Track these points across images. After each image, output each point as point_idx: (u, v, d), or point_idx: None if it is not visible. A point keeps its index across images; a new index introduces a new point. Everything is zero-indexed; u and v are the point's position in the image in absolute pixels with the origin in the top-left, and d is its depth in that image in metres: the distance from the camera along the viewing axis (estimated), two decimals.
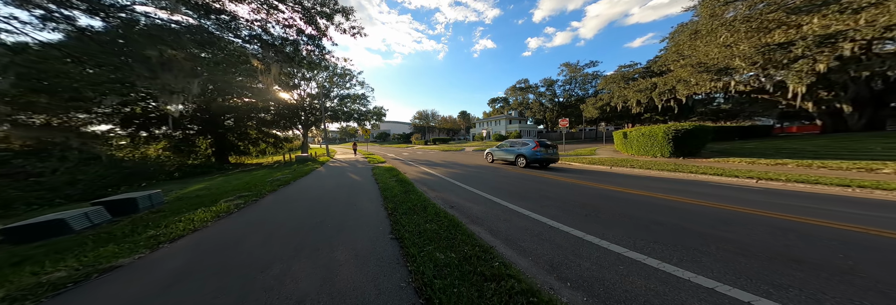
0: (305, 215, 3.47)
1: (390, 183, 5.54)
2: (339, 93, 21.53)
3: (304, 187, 5.65)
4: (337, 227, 2.91)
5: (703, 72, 9.13)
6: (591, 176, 6.03)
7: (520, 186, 5.20)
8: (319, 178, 7.13)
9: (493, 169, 8.05)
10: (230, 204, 4.15)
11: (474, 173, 7.28)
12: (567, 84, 35.80)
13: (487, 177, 6.52)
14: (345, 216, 3.31)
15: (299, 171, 8.57)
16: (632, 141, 9.80)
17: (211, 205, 4.12)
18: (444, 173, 7.72)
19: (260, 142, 18.08)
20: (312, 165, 10.89)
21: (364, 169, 8.96)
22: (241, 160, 17.91)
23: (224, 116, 15.22)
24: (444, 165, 10.02)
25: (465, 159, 12.68)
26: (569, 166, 8.49)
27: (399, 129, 63.69)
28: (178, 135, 14.01)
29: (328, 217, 3.29)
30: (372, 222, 3.06)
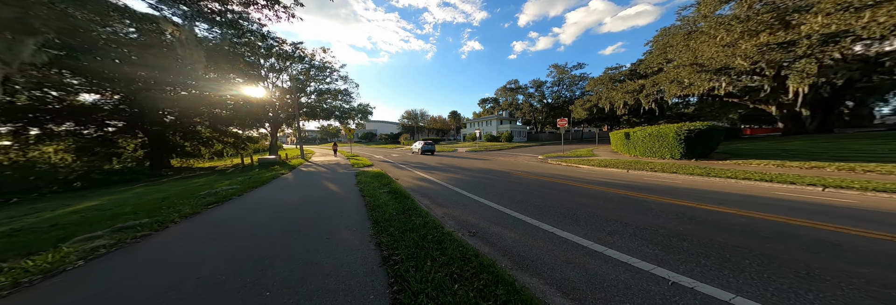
0: (220, 269, 1.93)
1: (381, 196, 4.28)
2: (317, 87, 19.28)
3: (252, 205, 4.13)
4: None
5: (702, 72, 9.16)
6: (617, 182, 5.28)
7: (546, 197, 4.23)
8: (282, 189, 5.60)
9: (500, 173, 7.08)
10: (76, 251, 2.33)
11: (480, 179, 6.23)
12: (555, 85, 36.57)
13: (499, 184, 5.50)
14: (304, 270, 1.89)
15: (257, 178, 6.89)
16: (635, 142, 9.48)
17: (38, 251, 2.33)
18: (444, 178, 6.57)
19: (214, 142, 15.39)
20: (278, 170, 9.10)
21: (346, 175, 7.50)
22: (188, 164, 15.15)
23: (163, 111, 12.52)
24: (441, 168, 8.87)
25: (462, 161, 11.64)
26: (576, 168, 7.82)
27: (386, 129, 61.14)
28: (90, 133, 11.14)
29: (267, 274, 1.83)
30: (353, 281, 1.72)
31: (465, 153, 17.53)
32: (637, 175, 5.94)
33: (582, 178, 5.94)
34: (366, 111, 20.81)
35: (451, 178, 6.68)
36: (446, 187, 5.57)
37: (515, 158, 13.20)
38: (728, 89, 9.29)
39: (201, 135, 15.20)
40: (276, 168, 9.92)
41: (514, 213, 3.43)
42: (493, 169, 8.22)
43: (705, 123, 7.00)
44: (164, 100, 11.21)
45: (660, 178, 5.39)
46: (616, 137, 12.17)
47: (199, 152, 16.09)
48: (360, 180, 6.13)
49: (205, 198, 4.51)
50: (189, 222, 3.35)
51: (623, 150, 11.00)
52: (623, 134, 10.70)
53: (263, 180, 6.43)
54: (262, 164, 11.93)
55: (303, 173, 8.26)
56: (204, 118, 14.04)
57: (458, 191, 5.05)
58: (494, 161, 11.18)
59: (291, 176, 7.66)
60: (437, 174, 7.47)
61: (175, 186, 6.84)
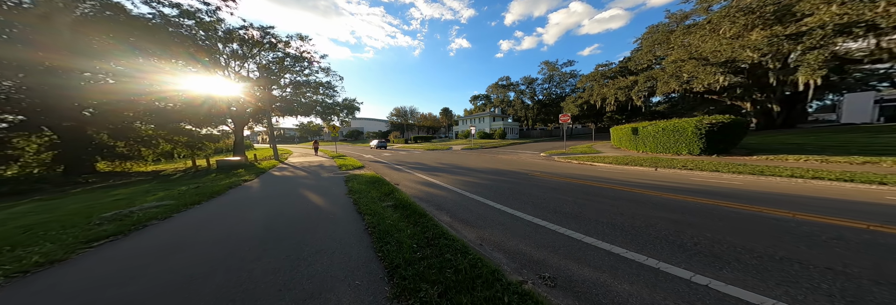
0: None
1: (387, 214, 3.16)
2: (293, 79, 16.97)
3: (175, 239, 2.68)
4: None
5: (707, 65, 9.04)
6: (663, 184, 4.58)
7: (602, 208, 3.35)
8: (239, 204, 4.20)
9: (516, 174, 6.18)
10: None
11: (499, 183, 5.27)
12: (546, 82, 36.72)
13: (526, 189, 4.58)
14: None
15: (206, 188, 5.35)
16: (645, 137, 9.12)
17: None
18: (455, 182, 5.52)
19: (159, 141, 12.81)
20: (242, 175, 7.42)
21: (332, 181, 6.16)
22: (125, 168, 12.50)
23: (80, 103, 9.92)
24: (445, 169, 7.79)
25: (463, 160, 10.64)
26: (593, 166, 7.19)
27: (374, 126, 58.28)
28: None
29: None
30: None
31: (461, 151, 16.55)
32: (673, 174, 5.35)
33: (614, 178, 5.23)
34: (352, 107, 18.90)
35: (463, 182, 5.64)
36: (463, 194, 4.53)
37: (517, 156, 12.48)
38: (724, 84, 9.35)
39: (140, 133, 12.53)
40: (239, 172, 8.19)
41: (587, 238, 2.46)
42: (506, 169, 7.32)
43: (728, 116, 6.68)
44: (79, 89, 8.73)
45: (704, 178, 4.79)
46: (619, 132, 11.90)
47: (138, 153, 13.35)
48: (352, 188, 4.88)
49: (100, 226, 2.99)
50: (13, 287, 1.79)
51: (629, 146, 10.70)
52: (629, 129, 10.36)
53: (214, 192, 4.89)
54: (221, 167, 9.97)
55: (274, 180, 6.72)
56: (141, 113, 11.46)
57: (482, 200, 4.04)
58: (499, 160, 10.34)
59: (257, 183, 6.12)
60: (443, 177, 6.39)
61: (78, 201, 5.01)
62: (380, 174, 7.04)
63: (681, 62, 11.02)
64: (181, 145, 14.50)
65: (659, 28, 18.19)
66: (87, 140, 11.25)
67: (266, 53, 15.73)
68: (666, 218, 2.84)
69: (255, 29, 14.20)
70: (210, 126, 14.08)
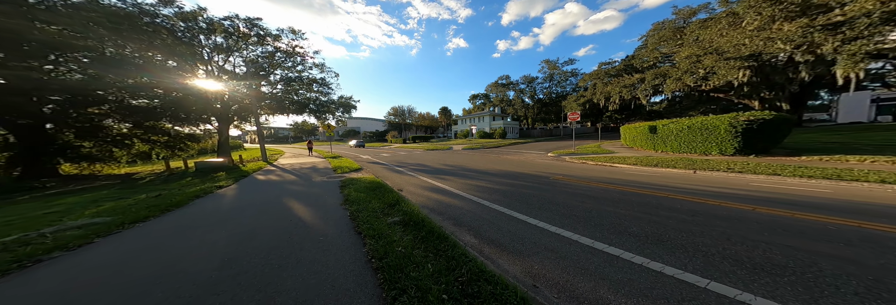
0: None
1: (395, 237, 2.40)
2: (284, 75, 15.90)
3: (59, 291, 1.73)
4: None
5: (729, 59, 8.49)
6: (718, 191, 3.87)
7: (689, 228, 2.61)
8: (200, 220, 3.31)
9: (534, 177, 5.42)
10: None
11: (519, 188, 4.52)
12: (547, 81, 36.27)
13: (556, 197, 3.83)
14: None
15: (164, 199, 4.43)
16: (665, 136, 8.50)
17: None
18: (468, 188, 4.74)
19: (134, 141, 11.69)
20: (219, 180, 6.51)
21: (325, 187, 5.31)
22: (94, 170, 11.32)
23: (39, 97, 8.81)
24: (451, 172, 6.99)
25: (468, 161, 9.86)
26: (614, 168, 6.50)
27: (371, 126, 57.08)
28: None
29: None
30: None
31: (463, 152, 15.77)
32: (721, 178, 4.65)
33: (654, 183, 4.52)
34: (348, 105, 17.92)
35: (477, 187, 4.86)
36: (481, 203, 3.75)
37: (523, 156, 11.77)
38: (743, 79, 8.83)
39: (110, 132, 11.37)
40: (218, 176, 7.23)
41: (726, 288, 1.65)
42: (520, 172, 6.56)
43: (768, 111, 6.06)
44: (35, 82, 7.63)
45: (767, 182, 4.02)
46: (633, 131, 11.30)
47: (110, 154, 12.15)
48: (348, 197, 4.04)
49: None
50: None
51: (645, 145, 10.09)
52: (645, 128, 9.75)
53: (173, 203, 3.95)
54: (200, 169, 8.97)
55: (255, 185, 5.81)
56: (112, 110, 10.33)
57: (509, 213, 3.26)
58: (506, 160, 9.59)
59: (234, 190, 5.20)
60: (452, 181, 5.60)
61: (3, 214, 4.01)
62: (380, 178, 6.20)
63: (695, 58, 10.49)
64: (160, 145, 13.35)
65: (665, 25, 17.77)
66: (49, 140, 10.06)
67: (254, 47, 14.65)
68: (824, 254, 1.88)
69: (241, 20, 13.13)
70: (190, 125, 12.94)
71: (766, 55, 7.70)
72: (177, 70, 11.31)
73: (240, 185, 5.81)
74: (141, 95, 11.10)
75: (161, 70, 10.53)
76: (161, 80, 10.53)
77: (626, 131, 12.07)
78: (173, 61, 11.01)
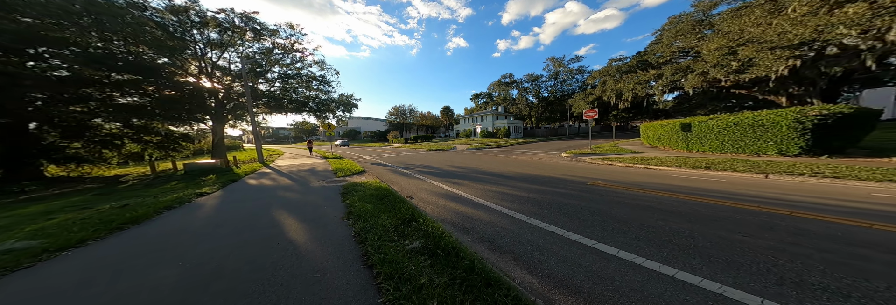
0: None
1: (424, 281, 1.58)
2: (283, 72, 15.18)
3: None
4: None
5: (776, 48, 7.61)
6: (856, 206, 3.04)
7: (867, 266, 1.80)
8: (150, 245, 2.53)
9: (570, 183, 4.61)
10: None
11: (555, 196, 3.70)
12: (552, 79, 35.34)
13: (611, 210, 3.03)
14: None
15: (130, 210, 3.61)
16: (703, 134, 7.62)
17: None
18: (490, 196, 3.95)
19: (124, 141, 11.05)
20: (204, 184, 5.76)
21: (324, 194, 4.56)
22: (83, 172, 10.68)
23: (26, 95, 8.16)
24: (464, 175, 6.18)
25: (477, 162, 9.03)
26: (648, 170, 5.64)
27: (371, 126, 56.41)
28: None
29: None
30: None
31: (469, 152, 14.98)
32: (814, 186, 3.71)
33: (723, 191, 3.69)
34: (349, 104, 17.17)
35: (502, 194, 4.06)
36: (520, 219, 2.95)
37: (535, 156, 10.95)
38: (783, 72, 7.91)
39: (99, 131, 10.69)
40: (207, 179, 6.48)
41: None
42: (543, 175, 5.74)
43: (846, 104, 5.18)
44: (19, 78, 6.92)
45: (887, 192, 3.14)
46: (657, 129, 10.43)
47: (99, 155, 11.48)
48: (352, 208, 3.28)
49: None
50: None
51: (675, 144, 9.21)
52: (675, 126, 8.88)
53: (132, 218, 3.16)
54: (189, 172, 8.25)
55: (243, 191, 5.02)
56: (99, 108, 9.63)
57: (564, 234, 2.45)
58: (518, 161, 8.75)
59: (216, 198, 4.42)
60: (469, 186, 4.79)
61: None
62: (386, 183, 5.41)
63: (727, 49, 9.59)
64: (153, 145, 12.68)
65: (683, 18, 16.81)
66: (33, 140, 9.39)
67: (251, 43, 13.94)
68: None
69: (236, 15, 12.41)
70: (184, 124, 12.24)
71: (819, 43, 6.85)
72: (168, 66, 10.59)
73: (225, 192, 5.03)
74: (130, 93, 10.41)
75: (151, 66, 9.82)
76: (151, 76, 9.82)
77: (649, 130, 11.21)
78: (164, 57, 10.29)
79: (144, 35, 9.13)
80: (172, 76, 10.94)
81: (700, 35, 15.47)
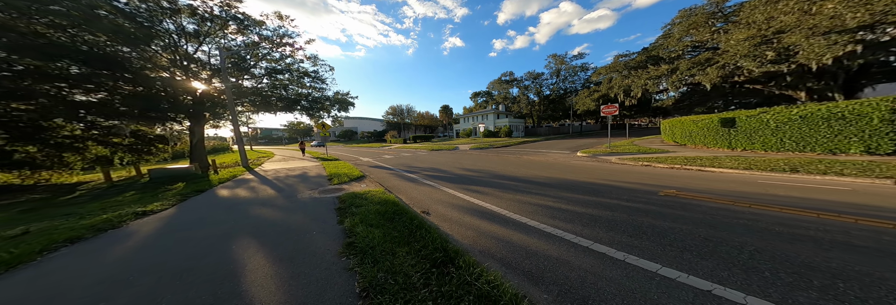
0: None
1: None
2: (270, 67, 13.86)
3: None
4: None
5: (830, 33, 6.74)
6: None
7: None
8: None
9: (630, 193, 3.52)
10: None
11: (622, 211, 2.63)
12: (553, 76, 34.56)
13: (719, 234, 1.96)
14: None
15: (25, 241, 2.37)
16: (751, 131, 6.64)
17: None
18: (527, 211, 2.86)
19: (87, 144, 9.70)
20: (159, 198, 4.48)
21: (314, 210, 3.42)
22: (39, 179, 9.29)
23: None
24: (482, 180, 5.07)
25: (489, 163, 7.91)
26: (703, 173, 4.63)
27: (368, 126, 54.92)
28: None
29: None
30: None
31: (474, 152, 13.93)
32: None
33: (869, 206, 2.69)
34: (345, 102, 15.91)
35: (545, 209, 2.99)
36: (624, 261, 1.86)
37: (547, 156, 9.94)
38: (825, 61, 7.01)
39: (58, 133, 9.28)
40: (174, 188, 5.24)
41: None
42: (589, 182, 4.69)
43: None
44: None
45: None
46: (686, 126, 9.52)
47: (60, 159, 10.05)
48: (353, 237, 2.22)
49: None
50: None
51: (711, 142, 8.29)
52: (713, 121, 7.95)
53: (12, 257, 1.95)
54: (154, 179, 6.99)
55: (208, 207, 3.82)
56: (51, 106, 8.22)
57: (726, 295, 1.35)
58: (534, 163, 7.65)
59: (164, 219, 3.22)
60: (497, 197, 3.71)
61: None
62: (392, 191, 4.29)
63: (760, 38, 8.74)
64: (123, 148, 11.25)
65: (695, 11, 16.12)
66: None
67: (234, 35, 12.59)
68: None
69: (215, 3, 11.06)
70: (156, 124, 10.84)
71: (883, 25, 6.03)
72: (133, 58, 9.22)
73: (181, 209, 3.80)
74: (88, 89, 9.00)
75: (110, 57, 8.44)
76: (110, 69, 8.44)
77: (674, 127, 10.33)
78: (128, 48, 8.91)
79: (100, 21, 7.78)
80: (140, 70, 9.57)
81: (714, 28, 14.76)
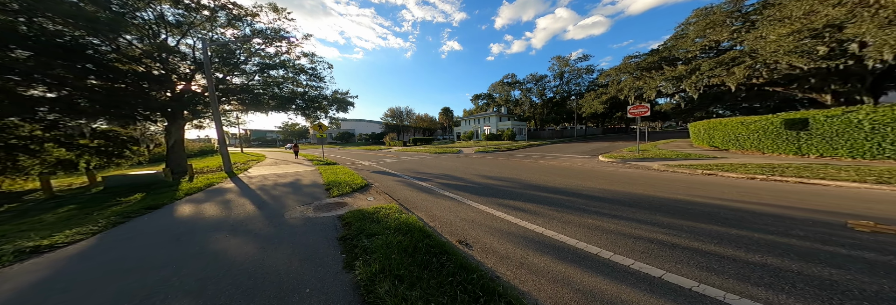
0: None
1: None
2: (262, 62, 12.72)
3: None
4: None
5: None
6: None
7: None
8: None
9: (791, 224, 2.48)
10: None
11: (768, 250, 1.60)
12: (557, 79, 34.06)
13: None
14: None
15: None
16: (833, 134, 5.58)
17: None
18: (637, 250, 1.82)
19: (47, 146, 8.43)
20: (90, 220, 3.33)
21: (305, 239, 2.29)
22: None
23: None
24: (513, 192, 4.00)
25: (504, 169, 6.82)
26: (826, 189, 3.64)
27: (366, 128, 53.68)
28: None
29: None
30: None
31: (481, 156, 12.91)
32: None
33: None
34: (344, 102, 14.80)
35: (671, 249, 1.99)
36: None
37: (567, 161, 8.95)
38: None
39: (10, 133, 7.98)
40: (129, 200, 4.04)
41: None
42: (675, 199, 3.67)
43: None
44: None
45: None
46: (730, 128, 8.58)
47: (13, 163, 8.70)
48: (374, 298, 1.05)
49: None
50: None
51: (767, 147, 7.30)
52: (773, 122, 6.97)
53: None
54: (110, 187, 5.82)
55: (147, 236, 2.69)
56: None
57: None
58: (563, 170, 6.62)
59: (66, 259, 2.10)
60: (554, 220, 2.68)
61: None
62: (408, 208, 3.18)
63: (807, 32, 8.01)
64: (91, 151, 9.90)
65: (713, 10, 15.63)
66: None
67: (223, 29, 11.49)
68: None
69: None
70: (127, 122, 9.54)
71: None
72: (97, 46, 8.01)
73: (103, 239, 2.62)
74: (47, 83, 7.72)
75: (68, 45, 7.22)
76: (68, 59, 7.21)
77: (712, 129, 9.46)
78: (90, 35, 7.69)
79: (54, 3, 6.60)
80: (108, 62, 8.34)
81: (733, 27, 14.21)
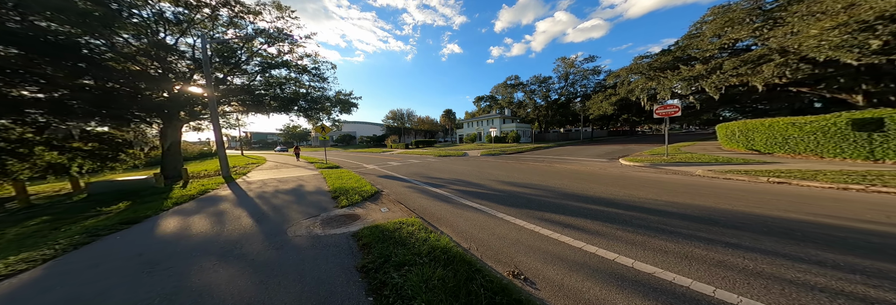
0: None
1: None
2: (263, 63, 12.29)
3: None
4: None
5: None
6: None
7: None
8: None
9: None
10: None
11: None
12: (562, 80, 33.58)
13: None
14: None
15: None
16: None
17: None
18: None
19: (37, 150, 7.97)
20: (57, 237, 2.75)
21: (315, 272, 1.67)
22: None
23: None
24: (547, 201, 3.38)
25: (519, 173, 6.16)
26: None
27: (368, 131, 53.31)
28: None
29: None
30: None
31: (488, 159, 12.30)
32: None
33: None
34: (348, 103, 14.33)
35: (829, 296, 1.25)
36: None
37: (585, 165, 8.31)
38: None
39: (4, 136, 7.49)
40: (110, 210, 3.49)
41: None
42: (734, 211, 3.04)
43: None
44: None
45: None
46: (777, 129, 7.73)
47: (2, 167, 8.18)
48: None
49: None
50: None
51: (827, 150, 6.51)
52: (837, 122, 6.21)
53: None
54: (94, 195, 5.35)
55: (123, 260, 2.11)
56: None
57: None
58: (587, 175, 5.96)
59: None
60: (626, 242, 2.08)
61: None
62: (431, 223, 2.53)
63: (856, 25, 7.37)
64: (83, 154, 9.39)
65: (732, 8, 15.12)
66: None
67: (225, 28, 11.11)
68: None
69: None
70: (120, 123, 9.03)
71: None
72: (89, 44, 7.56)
73: (52, 269, 2.04)
74: (37, 82, 7.24)
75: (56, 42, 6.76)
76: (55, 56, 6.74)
77: (750, 131, 8.76)
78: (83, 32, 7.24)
79: None
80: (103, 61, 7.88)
81: (755, 24, 13.66)
